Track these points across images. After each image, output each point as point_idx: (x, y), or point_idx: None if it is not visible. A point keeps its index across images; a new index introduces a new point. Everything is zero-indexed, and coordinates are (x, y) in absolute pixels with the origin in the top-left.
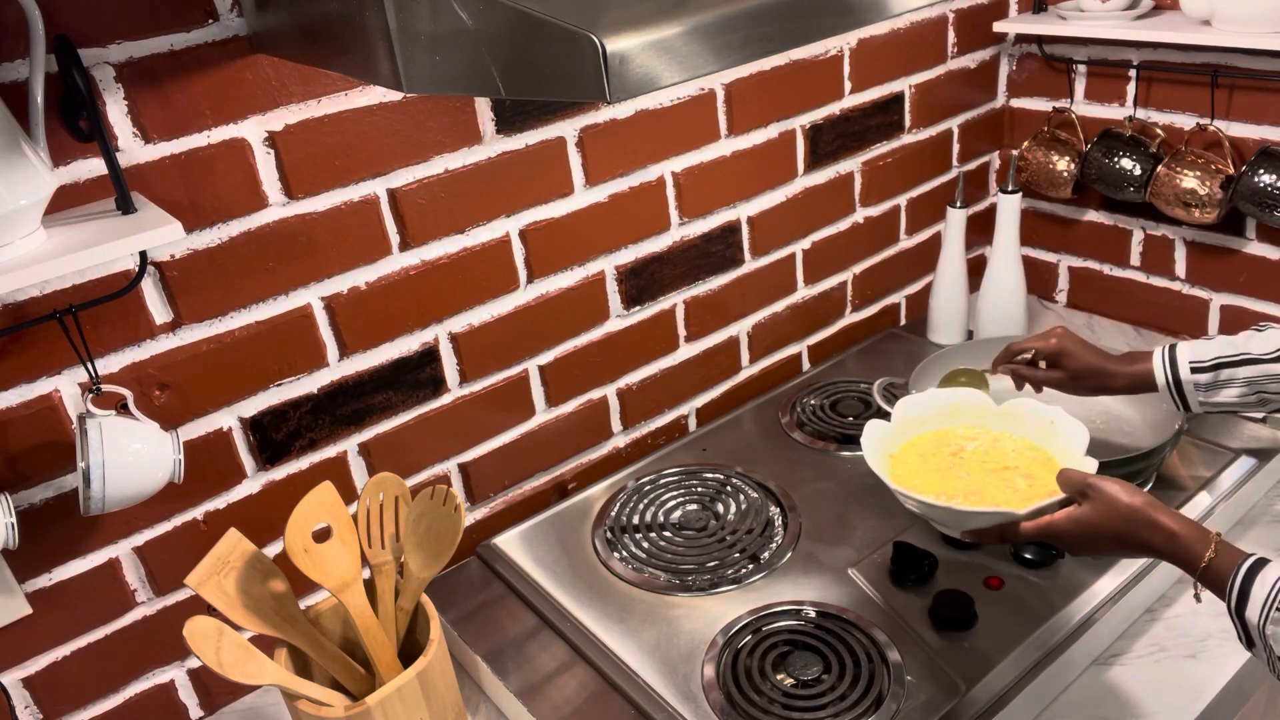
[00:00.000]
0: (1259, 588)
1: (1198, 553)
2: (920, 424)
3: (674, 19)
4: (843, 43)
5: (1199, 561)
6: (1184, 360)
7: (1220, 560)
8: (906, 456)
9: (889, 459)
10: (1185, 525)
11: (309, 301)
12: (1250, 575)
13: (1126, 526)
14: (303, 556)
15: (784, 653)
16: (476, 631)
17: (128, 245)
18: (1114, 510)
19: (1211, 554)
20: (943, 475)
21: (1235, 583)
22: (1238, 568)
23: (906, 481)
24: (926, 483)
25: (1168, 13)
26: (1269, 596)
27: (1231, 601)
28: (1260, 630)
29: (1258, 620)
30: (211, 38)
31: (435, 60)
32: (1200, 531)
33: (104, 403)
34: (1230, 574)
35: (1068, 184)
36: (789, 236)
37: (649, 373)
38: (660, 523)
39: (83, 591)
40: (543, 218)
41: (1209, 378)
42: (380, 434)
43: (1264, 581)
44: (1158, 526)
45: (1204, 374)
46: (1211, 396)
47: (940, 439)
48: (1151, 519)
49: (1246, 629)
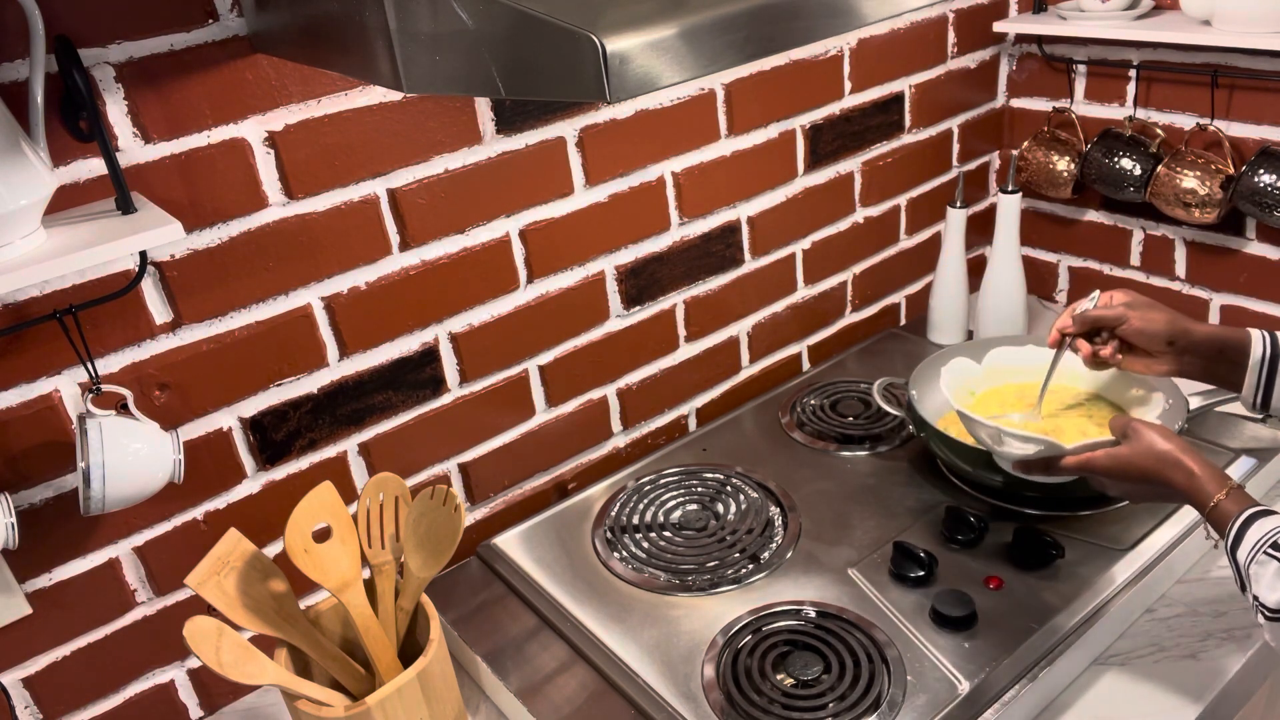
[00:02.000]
0: (1254, 532)
1: (1210, 493)
2: (1008, 374)
3: (674, 19)
4: (843, 43)
5: (1210, 500)
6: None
7: (1228, 503)
8: (988, 399)
9: (970, 396)
10: (1206, 468)
11: (309, 301)
12: (1250, 520)
13: (1155, 465)
14: (303, 556)
15: (784, 653)
16: (476, 631)
17: (128, 245)
18: (1149, 450)
19: (1222, 496)
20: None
21: (1234, 525)
22: (1241, 512)
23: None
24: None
25: (1168, 13)
26: (1260, 540)
27: (1229, 541)
28: (1246, 570)
29: (1245, 561)
30: (211, 38)
31: (435, 60)
32: (1220, 476)
33: (104, 403)
34: (1233, 516)
35: (1068, 184)
36: (789, 236)
37: (649, 373)
38: (660, 523)
39: (83, 591)
40: (543, 218)
41: None
42: (380, 434)
43: (1261, 527)
44: (1181, 466)
45: None
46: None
47: (1025, 390)
48: (1178, 459)
49: (1238, 570)
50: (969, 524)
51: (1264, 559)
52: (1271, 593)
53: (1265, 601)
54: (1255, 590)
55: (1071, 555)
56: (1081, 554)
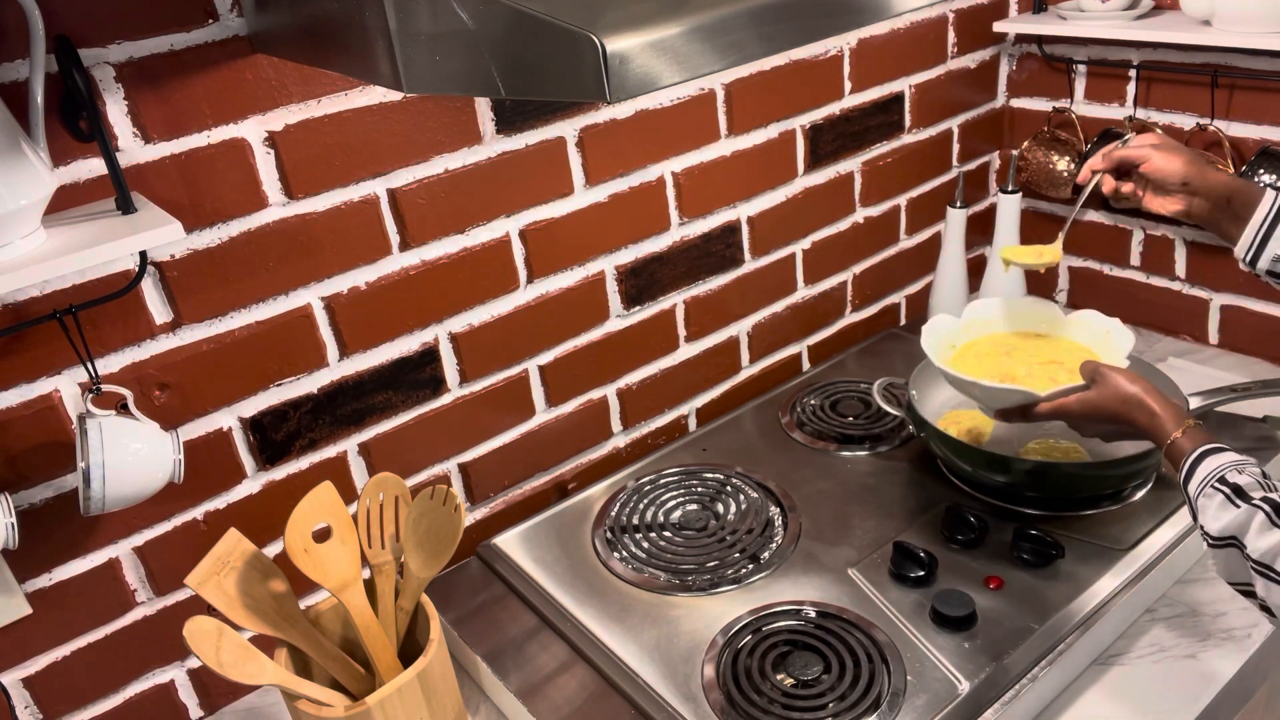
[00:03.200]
0: (1205, 467)
1: (1168, 431)
2: (986, 326)
3: (674, 19)
4: (843, 43)
5: (1167, 439)
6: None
7: (1184, 441)
8: (965, 353)
9: (950, 349)
10: (1167, 409)
11: (309, 301)
12: (1202, 456)
13: (1121, 406)
14: (303, 556)
15: (784, 653)
16: (476, 631)
17: (128, 245)
18: (1115, 393)
19: (1179, 434)
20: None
21: (1188, 461)
22: (1195, 449)
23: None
24: (976, 369)
25: (1168, 13)
26: (1209, 474)
27: (1181, 475)
28: (1195, 500)
29: (1194, 493)
30: (211, 38)
31: (435, 60)
32: (1179, 416)
33: (104, 403)
34: (1188, 453)
35: (1068, 184)
36: (789, 236)
37: (649, 373)
38: (660, 523)
39: (83, 591)
40: (543, 218)
41: None
42: (380, 434)
43: (1211, 463)
44: (1145, 407)
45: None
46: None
47: (998, 340)
48: (1142, 400)
49: (1190, 502)
50: (969, 524)
51: (1210, 492)
52: (1215, 522)
53: (1209, 530)
54: (1202, 520)
55: (1071, 555)
56: (1081, 554)
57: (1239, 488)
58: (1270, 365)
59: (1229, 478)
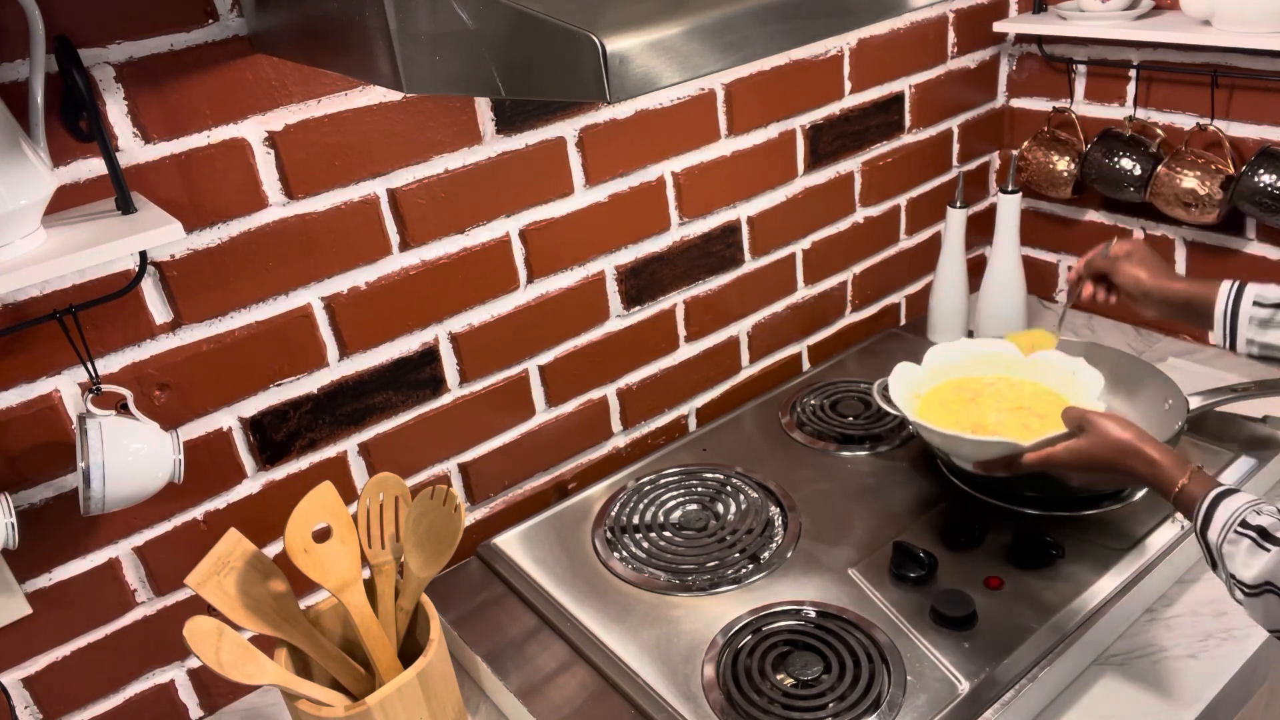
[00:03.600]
0: (1222, 512)
1: (1174, 478)
2: (947, 371)
3: (674, 19)
4: (843, 43)
5: (1174, 487)
6: (1250, 293)
7: (1192, 487)
8: (930, 401)
9: (916, 399)
10: (1166, 455)
11: (309, 301)
12: (1216, 501)
13: (1116, 456)
14: (303, 556)
15: (784, 653)
16: (476, 631)
17: (128, 245)
18: (1106, 441)
19: (1186, 480)
20: (963, 413)
21: (1201, 507)
22: (1206, 494)
23: (929, 417)
24: (950, 419)
25: (1168, 13)
26: (1228, 520)
27: (1197, 524)
28: (1218, 550)
29: (1216, 540)
30: (211, 38)
31: (435, 60)
32: (1180, 462)
33: (104, 403)
34: (1199, 499)
35: (1068, 184)
36: (789, 236)
37: (649, 373)
38: (660, 523)
39: (83, 591)
40: (543, 218)
41: (1268, 314)
42: (380, 434)
43: (1227, 507)
44: (1142, 456)
45: (1265, 309)
46: (1263, 335)
47: (962, 385)
48: (1138, 449)
49: (1209, 550)
50: (969, 524)
51: (1235, 538)
52: (1247, 569)
53: (1242, 579)
54: (1231, 569)
55: (1071, 555)
56: (1081, 554)
57: (1264, 530)
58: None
59: (1250, 520)
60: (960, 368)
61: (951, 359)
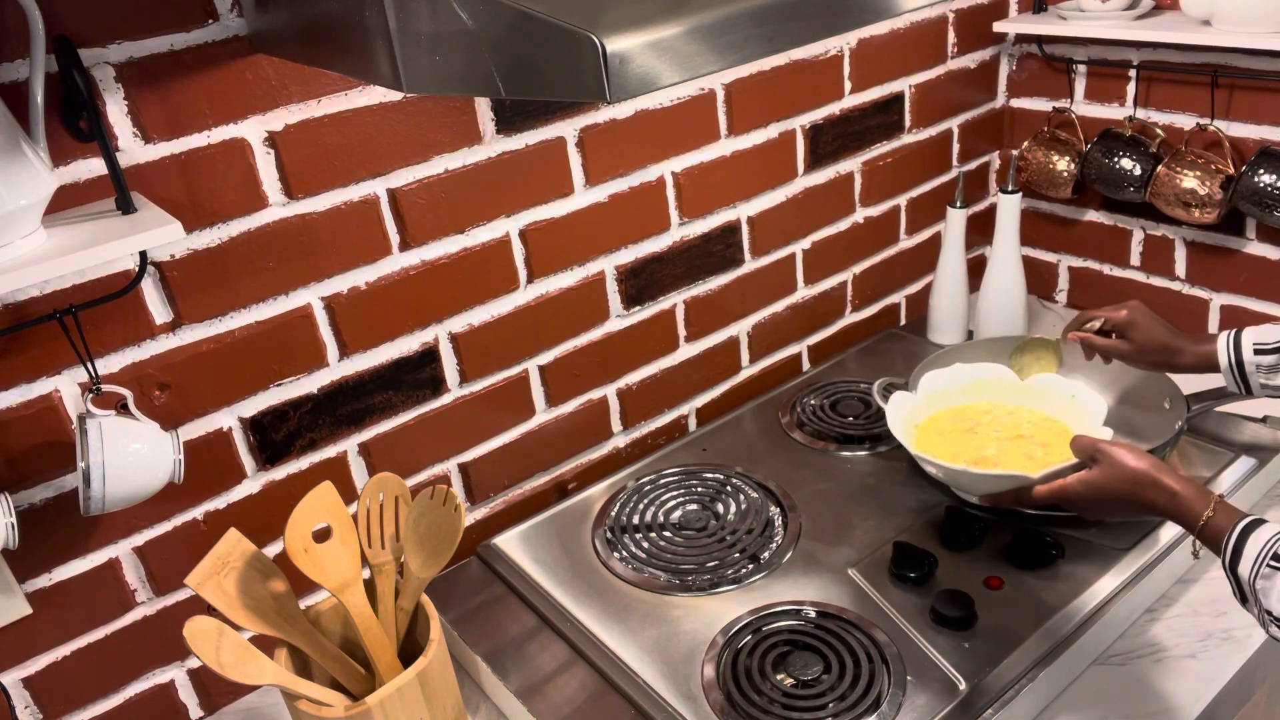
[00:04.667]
0: (1252, 545)
1: (1197, 511)
2: (945, 398)
3: (674, 19)
4: (843, 43)
5: (1198, 520)
6: (1248, 343)
7: (1218, 519)
8: (928, 430)
9: (914, 429)
10: (1187, 486)
11: (309, 301)
12: (1245, 534)
13: (1133, 488)
14: (303, 556)
15: (784, 653)
16: (476, 631)
17: (128, 245)
18: (1122, 473)
19: (1210, 513)
20: (961, 444)
21: (1230, 540)
22: (1234, 526)
23: (928, 448)
24: (949, 450)
25: (1168, 13)
26: (1260, 554)
27: (1226, 558)
28: (1250, 585)
29: (1248, 576)
30: (211, 38)
31: (435, 60)
32: (1202, 492)
33: (104, 403)
34: (1226, 532)
35: (1068, 184)
36: (789, 236)
37: (649, 373)
38: (660, 523)
39: (83, 591)
40: (543, 218)
41: (1273, 359)
42: (380, 434)
43: (1257, 540)
44: (1161, 487)
45: (1268, 355)
46: (1273, 379)
47: (959, 414)
48: (1156, 480)
49: (1239, 584)
50: (969, 524)
51: (1269, 572)
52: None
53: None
54: (1267, 605)
55: (1071, 555)
56: (1081, 554)
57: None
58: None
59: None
60: (955, 395)
61: (947, 385)
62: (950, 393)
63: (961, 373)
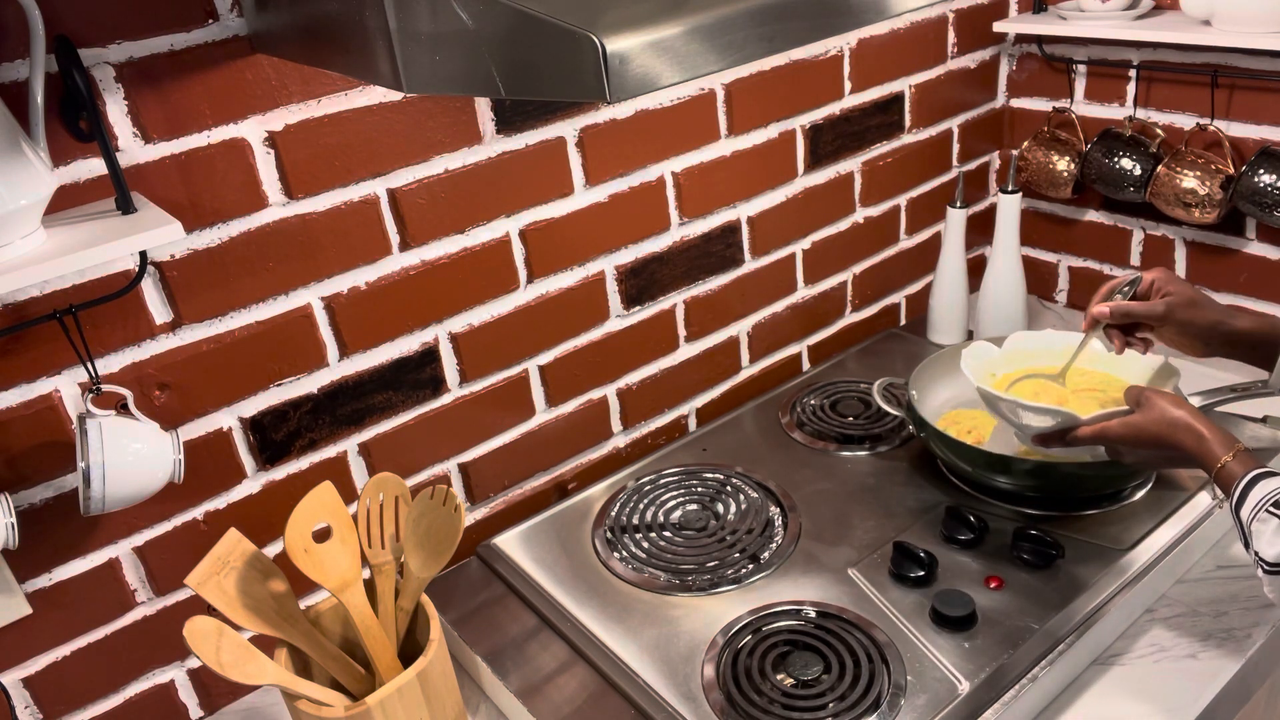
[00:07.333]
0: (1257, 491)
1: (1218, 455)
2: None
3: (674, 19)
4: (843, 43)
5: (1217, 462)
6: None
7: (1234, 465)
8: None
9: (990, 377)
10: (1216, 432)
11: (309, 301)
12: (1254, 481)
13: (1168, 429)
14: (303, 556)
15: (784, 653)
16: (476, 631)
17: (128, 245)
18: (1160, 415)
19: (1229, 458)
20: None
21: (1239, 486)
22: (1246, 473)
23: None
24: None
25: (1168, 13)
26: (1262, 499)
27: (1233, 501)
28: (1248, 526)
29: (1248, 518)
30: (211, 38)
31: (435, 60)
32: (1228, 439)
33: (104, 403)
34: (1239, 477)
35: (1068, 184)
36: (789, 236)
37: (649, 373)
38: (660, 523)
39: (83, 591)
40: (543, 218)
41: None
42: (380, 434)
43: (1263, 488)
44: (1192, 430)
45: None
46: None
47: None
48: (1189, 424)
49: (1241, 527)
50: (969, 524)
51: (1265, 516)
52: (1270, 548)
53: (1265, 556)
54: (1256, 546)
55: (1071, 555)
56: (1081, 554)
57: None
58: None
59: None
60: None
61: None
62: (1038, 353)
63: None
